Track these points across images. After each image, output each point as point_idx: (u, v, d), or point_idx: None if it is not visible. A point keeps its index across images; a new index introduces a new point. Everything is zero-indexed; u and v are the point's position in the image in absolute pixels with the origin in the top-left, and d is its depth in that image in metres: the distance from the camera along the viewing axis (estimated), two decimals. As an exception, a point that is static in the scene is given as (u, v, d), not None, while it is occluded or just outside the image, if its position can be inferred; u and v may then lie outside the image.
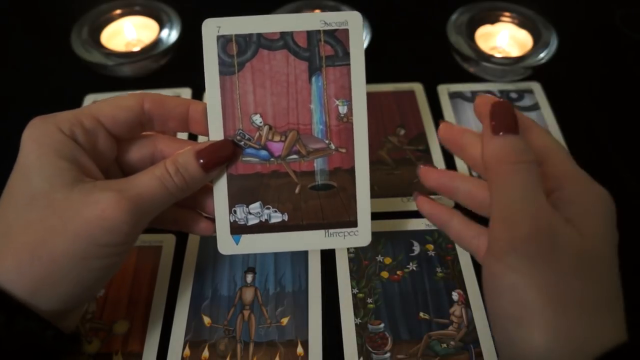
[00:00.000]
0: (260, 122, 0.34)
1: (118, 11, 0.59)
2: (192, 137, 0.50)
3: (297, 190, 0.35)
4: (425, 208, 0.35)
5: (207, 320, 0.40)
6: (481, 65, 0.55)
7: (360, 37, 0.34)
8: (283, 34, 0.34)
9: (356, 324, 0.39)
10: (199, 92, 0.56)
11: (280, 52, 0.34)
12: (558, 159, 0.30)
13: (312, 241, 0.35)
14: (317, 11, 0.59)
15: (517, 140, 0.29)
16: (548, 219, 0.27)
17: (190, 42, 0.57)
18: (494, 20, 0.59)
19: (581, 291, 0.27)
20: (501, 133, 0.29)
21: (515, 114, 0.30)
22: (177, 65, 0.58)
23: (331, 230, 0.35)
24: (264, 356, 0.38)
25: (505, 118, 0.29)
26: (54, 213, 0.29)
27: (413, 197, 0.36)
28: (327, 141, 0.35)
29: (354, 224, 0.35)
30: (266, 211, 0.35)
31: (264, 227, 0.35)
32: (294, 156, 0.35)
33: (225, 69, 0.34)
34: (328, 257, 0.43)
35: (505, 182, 0.28)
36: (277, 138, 0.35)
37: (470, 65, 0.57)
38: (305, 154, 0.35)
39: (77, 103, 0.54)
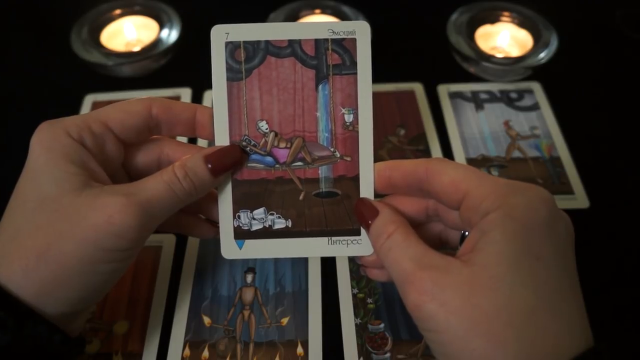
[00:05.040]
0: (266, 129, 0.35)
1: (118, 11, 0.59)
2: (191, 141, 0.50)
3: (301, 197, 0.35)
4: (379, 277, 0.36)
5: (207, 320, 0.40)
6: (481, 65, 0.55)
7: (367, 47, 0.34)
8: (291, 42, 0.34)
9: (356, 324, 0.39)
10: (198, 92, 0.56)
11: (288, 60, 0.34)
12: (474, 185, 0.29)
13: (315, 248, 0.35)
14: (317, 11, 0.59)
15: (375, 227, 0.32)
16: (430, 263, 0.28)
17: (190, 42, 0.58)
18: (494, 20, 0.59)
19: (495, 311, 0.26)
20: (370, 222, 0.32)
21: (368, 203, 0.33)
22: (177, 65, 0.58)
23: (334, 238, 0.35)
24: (264, 356, 0.38)
25: (362, 214, 0.33)
26: (62, 217, 0.29)
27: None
28: (332, 149, 0.35)
29: (357, 232, 0.35)
30: (270, 217, 0.35)
31: (267, 233, 0.35)
32: (299, 163, 0.35)
33: (233, 75, 0.34)
34: (328, 257, 0.43)
35: (387, 260, 0.30)
36: (282, 145, 0.35)
37: (470, 65, 0.57)
38: (310, 161, 0.35)
39: (77, 103, 0.54)
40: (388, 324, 0.39)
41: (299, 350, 0.38)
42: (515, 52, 0.57)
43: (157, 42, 0.57)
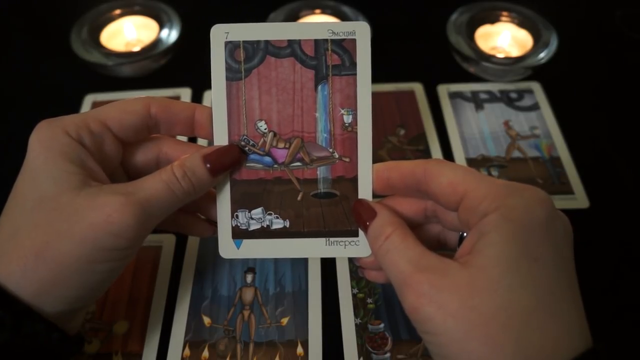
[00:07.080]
0: (265, 129, 0.35)
1: (118, 11, 0.59)
2: (190, 140, 0.50)
3: (299, 198, 0.35)
4: (377, 279, 0.36)
5: (207, 320, 0.40)
6: (481, 65, 0.55)
7: (367, 48, 0.34)
8: (291, 42, 0.34)
9: (356, 324, 0.39)
10: (198, 92, 0.56)
11: (288, 60, 0.34)
12: (472, 187, 0.29)
13: (312, 249, 0.35)
14: (317, 11, 0.59)
15: (373, 229, 0.32)
16: (427, 265, 0.28)
17: (190, 42, 0.58)
18: (494, 20, 0.59)
19: (493, 313, 0.26)
20: (368, 223, 0.32)
21: (366, 204, 0.33)
22: (177, 65, 0.58)
23: (332, 239, 0.35)
24: (264, 356, 0.38)
25: (360, 216, 0.33)
26: (61, 216, 0.29)
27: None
28: (331, 150, 0.35)
29: (355, 233, 0.35)
30: (268, 217, 0.35)
31: (265, 233, 0.35)
32: (298, 163, 0.35)
33: (232, 75, 0.34)
34: (328, 257, 0.43)
35: (385, 262, 0.30)
36: (281, 145, 0.35)
37: (470, 65, 0.57)
38: (309, 162, 0.35)
39: (76, 103, 0.54)
40: (388, 324, 0.39)
41: (299, 350, 0.38)
42: (515, 52, 0.57)
43: (157, 42, 0.57)
